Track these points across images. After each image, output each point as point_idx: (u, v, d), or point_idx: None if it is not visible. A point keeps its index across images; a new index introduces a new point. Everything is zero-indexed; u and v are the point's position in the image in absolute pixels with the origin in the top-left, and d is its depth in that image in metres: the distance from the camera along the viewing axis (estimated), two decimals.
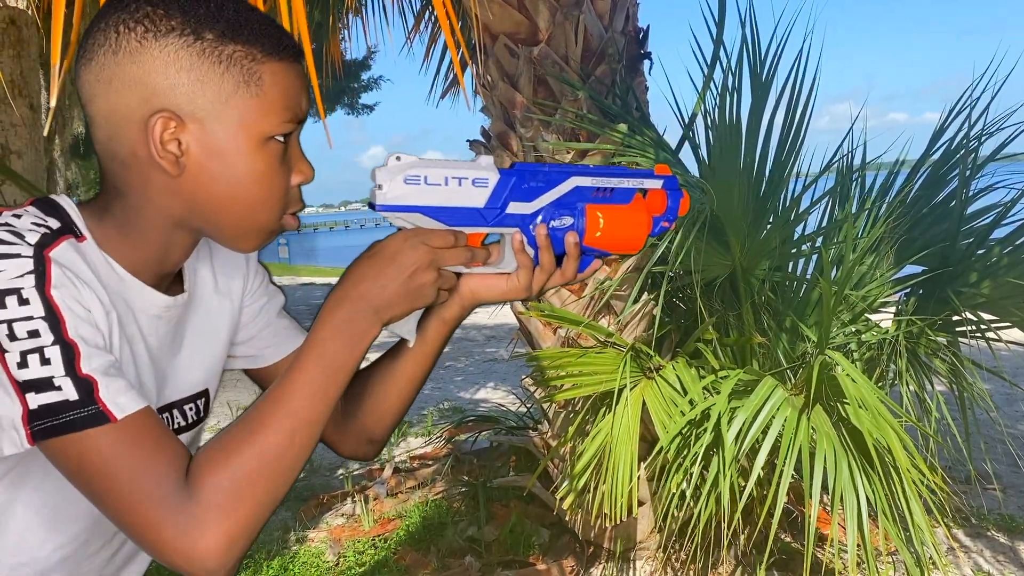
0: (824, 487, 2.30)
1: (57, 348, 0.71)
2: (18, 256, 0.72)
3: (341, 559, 3.44)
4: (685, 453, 2.57)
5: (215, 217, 0.83)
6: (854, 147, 3.27)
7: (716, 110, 2.78)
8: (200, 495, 0.73)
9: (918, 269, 3.21)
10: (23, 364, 0.70)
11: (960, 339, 3.13)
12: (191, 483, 0.73)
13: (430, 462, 4.45)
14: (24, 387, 0.71)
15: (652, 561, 3.14)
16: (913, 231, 3.19)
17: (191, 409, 0.95)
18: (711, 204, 2.72)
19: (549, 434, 3.31)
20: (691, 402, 2.56)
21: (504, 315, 4.09)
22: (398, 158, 0.83)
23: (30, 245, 0.73)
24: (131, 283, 0.84)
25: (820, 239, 3.18)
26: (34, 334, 0.71)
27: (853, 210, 3.18)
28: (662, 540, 3.02)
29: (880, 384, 3.03)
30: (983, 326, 3.05)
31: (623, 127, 2.90)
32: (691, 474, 2.51)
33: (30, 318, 0.71)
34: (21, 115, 2.48)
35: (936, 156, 3.25)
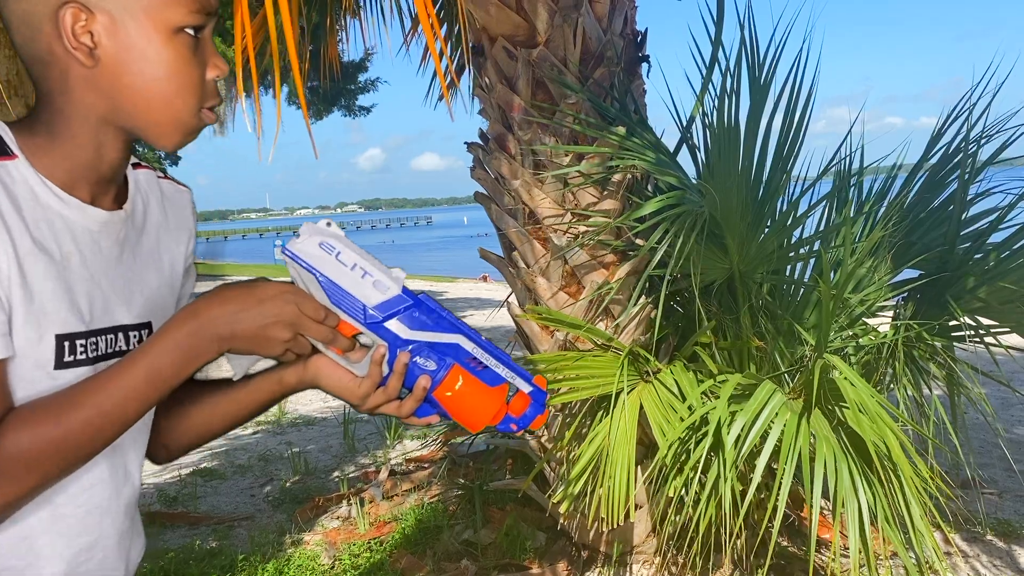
0: (824, 492, 2.29)
1: None
2: None
3: (336, 562, 3.42)
4: (683, 458, 2.56)
5: (134, 111, 0.85)
6: (852, 151, 3.27)
7: (714, 113, 2.78)
8: (15, 447, 0.77)
9: (916, 273, 3.21)
10: None
11: (958, 344, 3.13)
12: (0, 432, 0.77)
13: (426, 465, 4.44)
14: None
15: (649, 565, 3.13)
16: (911, 235, 3.19)
17: (135, 337, 0.94)
18: (709, 207, 2.72)
19: (546, 437, 3.30)
20: (689, 407, 2.55)
21: (501, 317, 4.08)
22: (329, 223, 0.88)
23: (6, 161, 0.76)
24: (67, 200, 0.85)
25: (818, 243, 3.17)
26: None
27: (851, 214, 3.17)
28: (659, 544, 3.01)
29: (877, 388, 3.03)
30: (981, 331, 3.05)
31: (621, 130, 2.89)
32: (690, 479, 2.50)
33: None
34: (17, 115, 2.46)
35: (934, 160, 3.25)
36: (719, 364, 2.87)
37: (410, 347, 0.90)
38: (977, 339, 3.06)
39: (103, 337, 0.89)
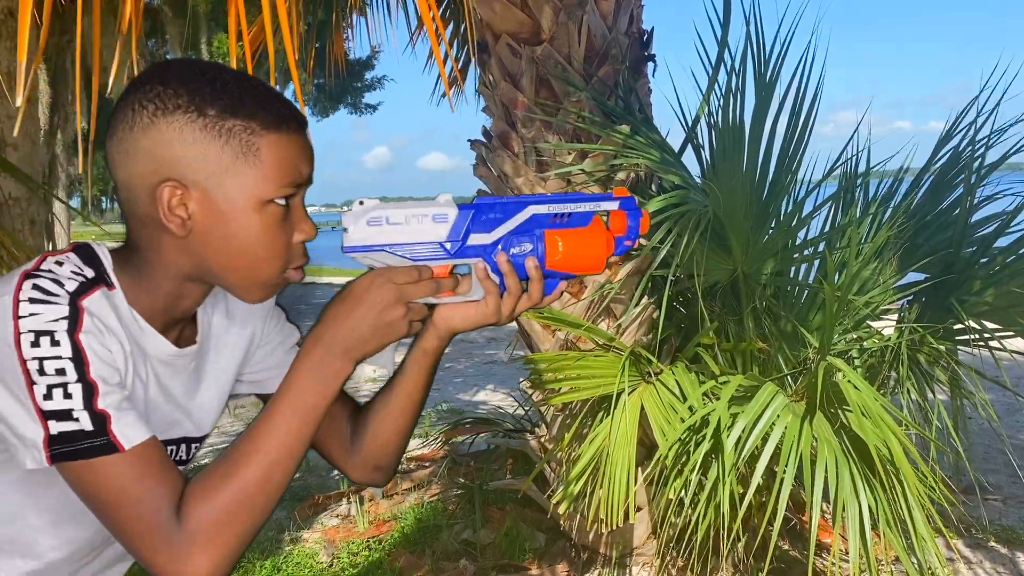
0: (824, 495, 2.27)
1: (79, 386, 0.82)
2: (55, 303, 0.82)
3: (335, 560, 3.41)
4: (684, 460, 2.54)
5: (221, 272, 0.92)
6: (858, 152, 3.24)
7: (719, 111, 2.76)
8: (187, 525, 0.83)
9: (921, 276, 3.18)
10: (48, 396, 0.81)
11: (963, 348, 3.10)
12: (181, 513, 0.83)
13: (427, 464, 4.42)
14: (47, 415, 0.81)
15: (649, 567, 3.11)
16: (917, 238, 3.16)
17: (195, 447, 1.06)
18: (714, 207, 2.70)
19: (546, 437, 3.29)
20: (690, 408, 2.53)
21: None
22: (361, 202, 0.92)
23: (68, 293, 0.84)
24: (146, 330, 0.94)
25: (823, 244, 3.15)
26: (61, 372, 0.81)
27: (857, 215, 3.15)
28: (659, 546, 2.99)
29: (881, 392, 3.00)
30: (986, 335, 3.02)
31: (625, 128, 2.87)
32: (690, 481, 2.48)
33: (59, 358, 0.81)
34: (17, 108, 2.45)
35: (941, 163, 3.22)
36: (721, 366, 2.85)
37: (499, 246, 0.93)
38: (982, 343, 3.03)
39: (167, 448, 0.99)
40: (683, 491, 2.56)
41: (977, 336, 3.01)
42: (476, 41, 3.14)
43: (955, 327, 3.05)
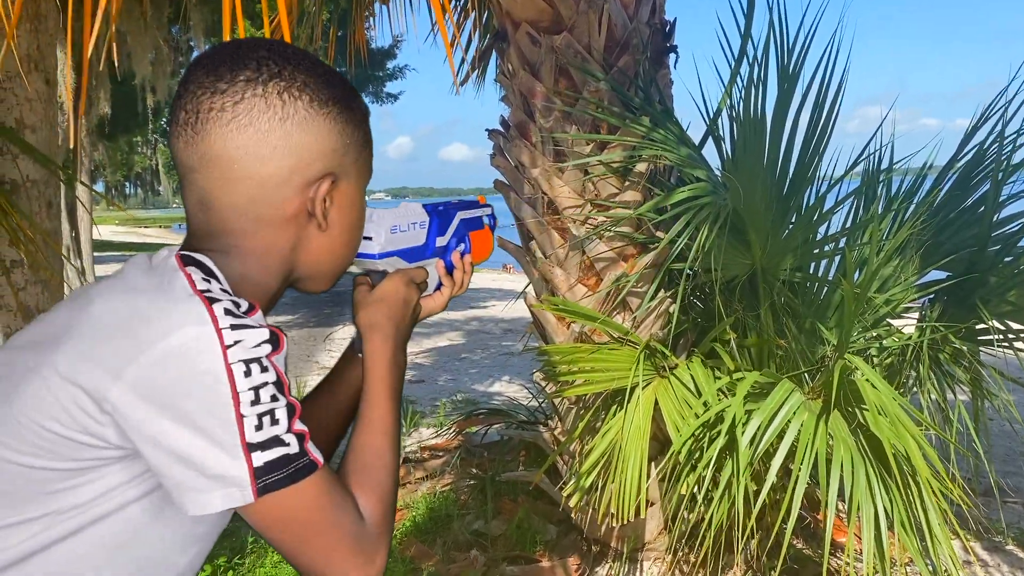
0: (840, 495, 2.24)
1: (284, 409, 0.77)
2: (253, 326, 0.76)
3: None
4: (697, 455, 2.52)
5: (326, 264, 0.92)
6: (882, 147, 3.19)
7: (741, 103, 2.71)
8: (371, 523, 0.84)
9: (943, 274, 3.13)
10: (259, 427, 0.75)
11: (985, 348, 3.04)
12: (363, 514, 0.84)
13: (440, 453, 4.42)
14: (251, 447, 0.75)
15: (660, 562, 3.09)
16: (940, 235, 3.11)
17: None
18: (733, 201, 2.66)
19: (559, 430, 3.27)
20: (705, 404, 2.50)
21: (521, 309, 4.06)
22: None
23: (256, 315, 0.79)
24: None
25: (843, 240, 3.10)
26: (273, 399, 0.76)
27: (879, 212, 3.10)
28: (670, 542, 2.97)
29: (900, 391, 2.96)
30: (1010, 335, 2.97)
31: (645, 120, 2.84)
32: (703, 477, 2.45)
33: (266, 384, 0.76)
34: (36, 90, 2.46)
35: (966, 159, 3.16)
36: (738, 362, 2.81)
37: (450, 247, 1.11)
38: (1006, 344, 2.97)
39: None
40: (696, 487, 2.53)
41: (1001, 337, 2.96)
42: (495, 29, 3.11)
43: (977, 327, 3.00)
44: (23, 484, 0.77)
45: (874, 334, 3.06)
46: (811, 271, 3.15)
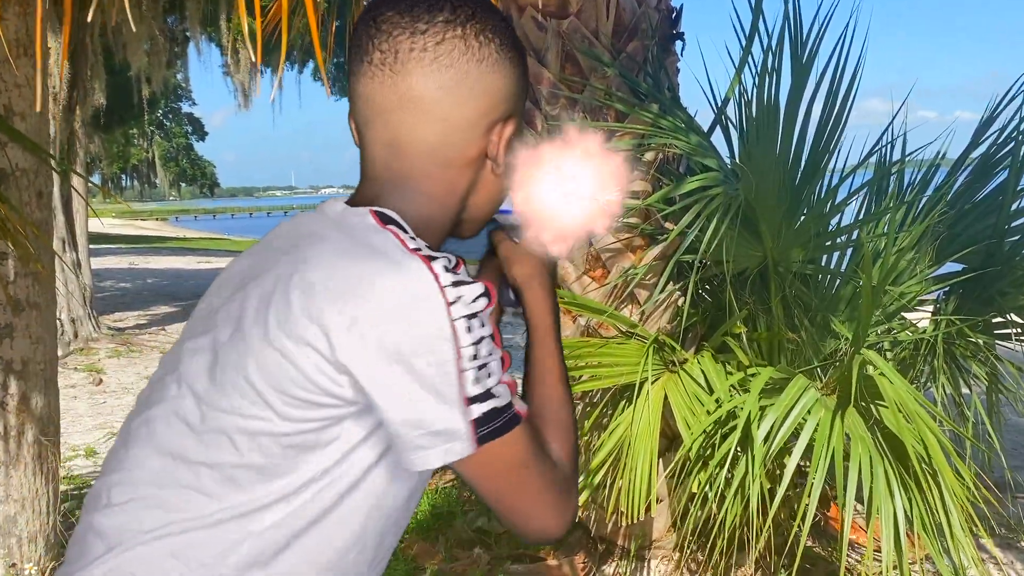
0: (857, 494, 2.17)
1: (497, 361, 0.79)
2: (468, 281, 0.77)
3: None
4: (708, 452, 2.45)
5: (488, 208, 0.92)
6: (893, 139, 3.11)
7: (753, 91, 2.64)
8: (566, 468, 0.86)
9: (959, 267, 3.06)
10: (477, 380, 0.77)
11: (1002, 342, 2.98)
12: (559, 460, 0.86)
13: None
14: (471, 400, 0.77)
15: (668, 561, 3.02)
16: (955, 227, 3.04)
17: None
18: (744, 191, 2.58)
19: None
20: (717, 400, 2.43)
21: None
22: None
23: (463, 268, 0.79)
24: None
25: (856, 232, 3.03)
26: (490, 353, 0.78)
27: (892, 203, 3.03)
28: (679, 540, 2.90)
29: (914, 386, 2.89)
30: None
31: (654, 107, 2.76)
32: (715, 475, 2.38)
33: (483, 338, 0.77)
34: (26, 75, 2.37)
35: (982, 149, 3.09)
36: (749, 356, 2.74)
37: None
38: (1023, 338, 2.91)
39: None
40: (707, 485, 2.47)
41: (1019, 330, 2.89)
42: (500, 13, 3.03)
43: (994, 320, 2.93)
44: (278, 453, 0.78)
45: (887, 327, 2.99)
46: (823, 263, 3.07)
